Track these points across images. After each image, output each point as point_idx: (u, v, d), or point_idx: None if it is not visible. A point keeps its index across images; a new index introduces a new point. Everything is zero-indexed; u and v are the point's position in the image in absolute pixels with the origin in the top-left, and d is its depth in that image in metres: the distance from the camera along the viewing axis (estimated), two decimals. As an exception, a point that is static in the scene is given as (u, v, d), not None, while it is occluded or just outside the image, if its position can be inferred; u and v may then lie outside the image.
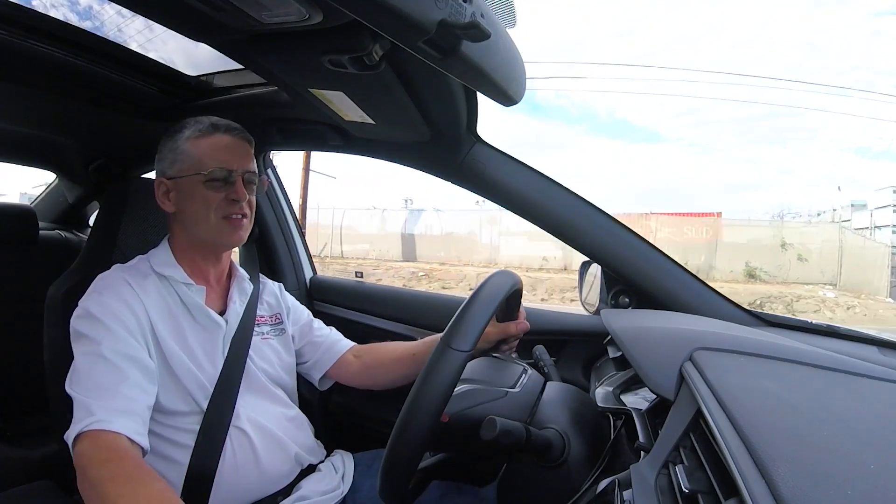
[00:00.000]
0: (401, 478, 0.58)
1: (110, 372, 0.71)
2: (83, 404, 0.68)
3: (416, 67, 0.71)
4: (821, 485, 0.35)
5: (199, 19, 0.63)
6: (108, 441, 0.65)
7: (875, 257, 12.33)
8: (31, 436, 1.35)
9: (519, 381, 0.76)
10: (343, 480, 0.92)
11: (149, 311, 0.80)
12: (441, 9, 0.48)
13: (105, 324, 0.74)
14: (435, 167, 1.12)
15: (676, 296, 1.01)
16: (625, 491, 0.49)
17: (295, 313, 1.05)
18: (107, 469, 0.62)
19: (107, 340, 0.73)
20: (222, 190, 0.84)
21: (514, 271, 0.77)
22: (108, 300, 0.77)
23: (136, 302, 0.79)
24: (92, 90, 1.08)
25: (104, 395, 0.69)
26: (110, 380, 0.70)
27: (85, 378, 0.70)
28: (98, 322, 0.75)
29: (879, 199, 14.98)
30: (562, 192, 1.05)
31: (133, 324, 0.77)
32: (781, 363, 0.61)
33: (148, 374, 0.75)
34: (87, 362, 0.72)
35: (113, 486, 0.59)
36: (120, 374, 0.71)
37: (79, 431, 0.65)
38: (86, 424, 0.65)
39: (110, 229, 0.99)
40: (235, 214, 0.85)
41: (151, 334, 0.79)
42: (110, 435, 0.65)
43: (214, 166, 0.83)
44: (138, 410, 0.71)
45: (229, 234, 0.86)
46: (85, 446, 0.65)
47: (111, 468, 0.62)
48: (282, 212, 1.52)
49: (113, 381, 0.70)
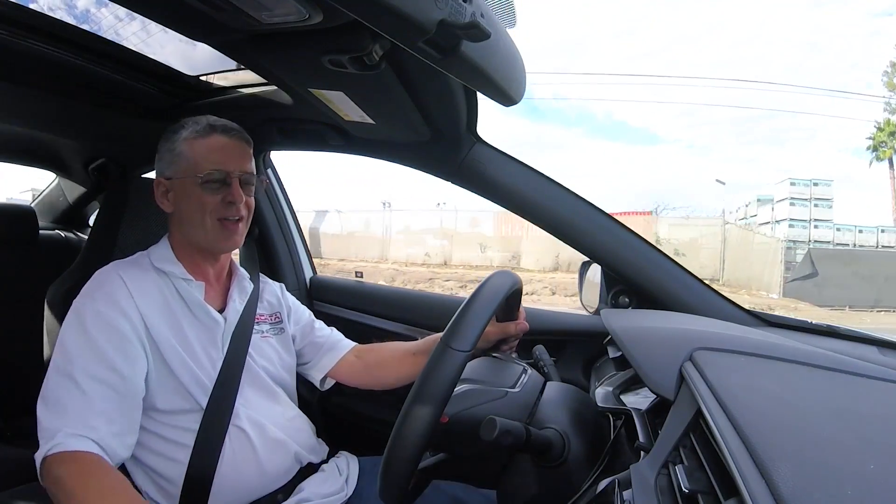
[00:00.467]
0: (400, 478, 0.58)
1: (77, 396, 0.71)
2: (47, 428, 0.70)
3: (416, 67, 0.71)
4: (821, 485, 0.35)
5: (200, 19, 0.63)
6: (73, 459, 0.67)
7: (767, 252, 12.12)
8: (31, 436, 1.34)
9: (519, 381, 0.76)
10: (347, 483, 0.92)
11: (143, 311, 0.79)
12: (441, 9, 0.48)
13: (89, 337, 0.74)
14: (435, 167, 1.12)
15: (676, 296, 1.01)
16: (625, 491, 0.49)
17: (296, 314, 1.05)
18: (77, 484, 0.64)
19: (81, 360, 0.73)
20: (219, 192, 0.84)
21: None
22: (101, 307, 0.77)
23: (129, 303, 0.79)
24: (92, 90, 1.08)
25: (68, 419, 0.70)
26: (76, 404, 0.71)
27: (53, 400, 0.72)
28: (83, 334, 0.75)
29: (781, 193, 14.52)
30: (562, 192, 1.05)
31: (125, 328, 0.77)
32: (781, 363, 0.61)
33: (126, 396, 0.75)
34: (57, 382, 0.73)
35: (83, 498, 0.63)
36: (85, 398, 0.71)
37: (43, 455, 0.67)
38: (48, 448, 0.67)
39: (110, 229, 0.99)
40: (231, 217, 0.85)
41: (146, 334, 0.79)
42: (74, 454, 0.67)
43: (210, 168, 0.83)
44: (106, 425, 0.71)
45: (224, 240, 0.86)
46: (51, 467, 0.67)
47: (78, 484, 0.64)
48: (282, 212, 1.52)
49: (78, 405, 0.71)
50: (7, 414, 1.44)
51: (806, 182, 13.75)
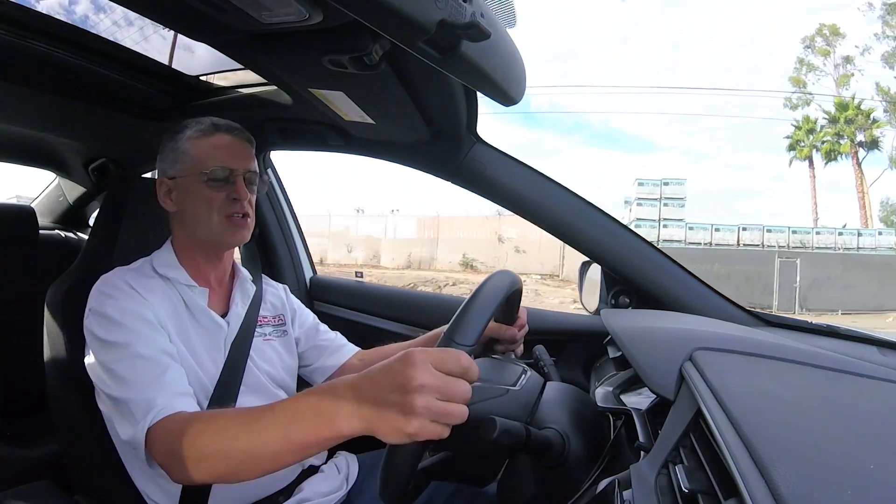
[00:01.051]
0: (400, 477, 0.58)
1: (153, 367, 0.72)
2: (140, 402, 0.68)
3: (416, 67, 0.71)
4: (821, 485, 0.35)
5: (200, 19, 0.63)
6: (178, 419, 0.66)
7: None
8: (31, 436, 1.35)
9: (519, 381, 0.76)
10: (347, 481, 0.92)
11: (156, 312, 0.80)
12: (441, 9, 0.48)
13: (128, 326, 0.75)
14: (435, 167, 1.12)
15: (676, 296, 1.01)
16: (625, 491, 0.49)
17: (300, 316, 1.05)
18: (194, 429, 0.61)
19: (136, 341, 0.73)
20: (223, 189, 0.84)
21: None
22: (124, 302, 0.77)
23: (141, 300, 0.79)
24: (92, 90, 1.08)
25: (157, 388, 0.69)
26: (155, 373, 0.71)
27: (130, 379, 0.71)
28: (121, 326, 0.75)
29: (633, 193, 14.61)
30: (562, 192, 1.05)
31: (151, 317, 0.78)
32: (781, 363, 0.61)
33: (176, 357, 0.76)
34: (126, 365, 0.72)
35: (214, 426, 0.60)
36: (160, 366, 0.72)
37: (148, 426, 0.66)
38: (152, 417, 0.66)
39: (110, 229, 0.99)
40: (237, 214, 0.85)
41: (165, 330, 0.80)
42: (178, 415, 0.66)
43: (215, 165, 0.83)
44: (188, 391, 0.73)
45: (231, 234, 0.86)
46: (159, 435, 0.65)
47: (197, 427, 0.62)
48: (282, 212, 1.52)
49: (157, 373, 0.71)
50: (7, 414, 1.43)
51: (655, 182, 13.74)
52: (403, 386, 0.48)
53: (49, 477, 0.90)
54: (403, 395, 0.48)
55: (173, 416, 0.66)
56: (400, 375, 0.48)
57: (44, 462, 1.24)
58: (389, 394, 0.49)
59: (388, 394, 0.49)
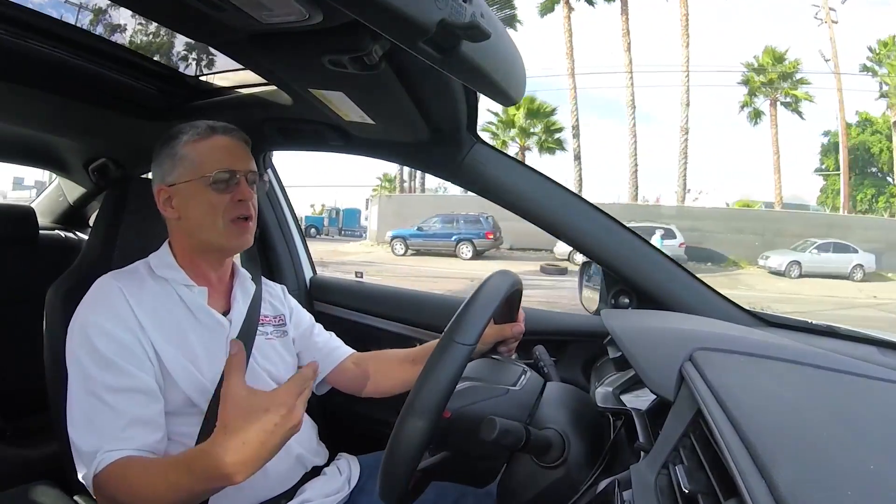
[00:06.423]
0: (400, 478, 0.58)
1: (107, 412, 0.72)
2: (85, 451, 0.70)
3: (416, 67, 0.71)
4: (821, 485, 0.35)
5: (200, 19, 0.63)
6: (124, 465, 0.68)
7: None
8: (31, 436, 1.35)
9: (519, 381, 0.76)
10: (349, 483, 0.92)
11: (142, 321, 0.78)
12: (441, 9, 0.48)
13: (102, 355, 0.74)
14: (435, 167, 1.12)
15: (676, 296, 1.01)
16: (625, 491, 0.49)
17: (297, 316, 1.05)
18: (139, 482, 0.66)
19: (99, 377, 0.73)
20: (227, 192, 0.83)
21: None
22: (107, 324, 0.76)
23: (129, 314, 0.78)
24: (92, 90, 1.08)
25: (104, 437, 0.70)
26: (106, 420, 0.71)
27: (83, 421, 0.72)
28: (95, 352, 0.74)
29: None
30: (562, 192, 1.05)
31: (131, 341, 0.76)
32: (781, 363, 0.61)
33: (149, 394, 0.76)
34: (82, 402, 0.73)
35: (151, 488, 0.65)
36: (114, 412, 0.72)
37: (94, 474, 0.68)
38: (96, 465, 0.68)
39: (110, 229, 0.99)
40: (243, 215, 0.84)
41: (149, 343, 0.78)
42: (122, 460, 0.68)
43: (218, 168, 0.82)
44: (144, 418, 0.73)
45: (237, 238, 0.85)
46: (106, 483, 0.68)
47: (140, 482, 0.66)
48: (282, 212, 1.52)
49: (109, 420, 0.71)
50: (7, 414, 1.43)
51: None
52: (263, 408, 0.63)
53: (49, 477, 0.90)
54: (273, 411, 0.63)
55: (114, 463, 0.68)
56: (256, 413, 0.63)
57: (44, 462, 1.24)
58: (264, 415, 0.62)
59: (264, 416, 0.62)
